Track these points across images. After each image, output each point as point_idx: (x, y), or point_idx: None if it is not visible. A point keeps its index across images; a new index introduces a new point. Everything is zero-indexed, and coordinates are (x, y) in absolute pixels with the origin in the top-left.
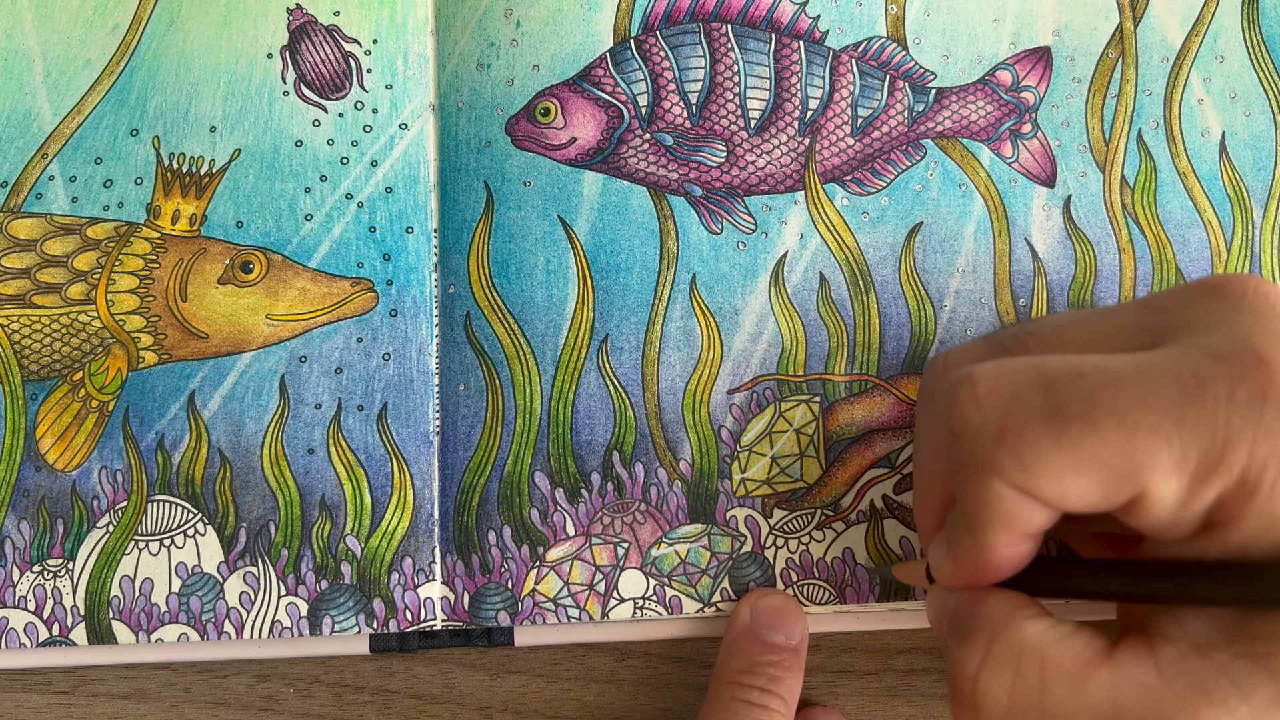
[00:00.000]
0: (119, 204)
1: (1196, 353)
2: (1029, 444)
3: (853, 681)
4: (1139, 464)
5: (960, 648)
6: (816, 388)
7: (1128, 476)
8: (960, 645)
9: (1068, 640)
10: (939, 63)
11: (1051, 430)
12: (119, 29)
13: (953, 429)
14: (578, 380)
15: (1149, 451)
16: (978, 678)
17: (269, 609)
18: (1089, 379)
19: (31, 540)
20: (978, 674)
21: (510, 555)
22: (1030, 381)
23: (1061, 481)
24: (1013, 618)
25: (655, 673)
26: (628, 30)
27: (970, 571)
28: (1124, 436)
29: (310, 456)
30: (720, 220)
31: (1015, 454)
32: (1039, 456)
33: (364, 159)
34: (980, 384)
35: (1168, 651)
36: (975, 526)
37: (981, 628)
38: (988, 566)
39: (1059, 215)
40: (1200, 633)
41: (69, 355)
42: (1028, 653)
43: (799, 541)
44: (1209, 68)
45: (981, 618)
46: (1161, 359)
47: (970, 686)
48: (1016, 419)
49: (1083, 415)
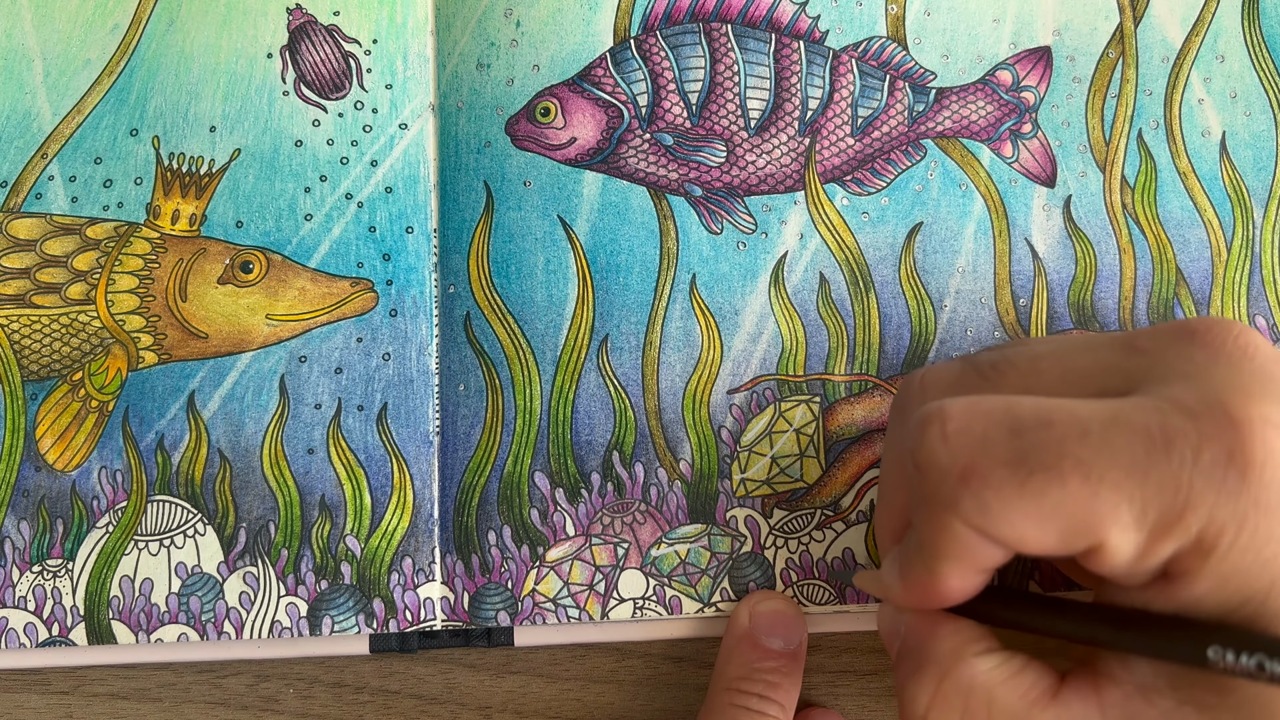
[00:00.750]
0: (119, 204)
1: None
2: (992, 489)
3: (853, 681)
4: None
5: (910, 682)
6: (816, 388)
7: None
8: (910, 680)
9: (1015, 679)
10: (939, 63)
11: (1016, 478)
12: (119, 29)
13: (917, 463)
14: (578, 380)
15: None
16: (928, 713)
17: (269, 609)
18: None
19: (31, 540)
20: (927, 712)
21: (510, 555)
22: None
23: (1020, 527)
24: (961, 654)
25: (655, 673)
26: (628, 30)
27: (920, 596)
28: (1087, 491)
29: (310, 456)
30: (720, 220)
31: (978, 497)
32: (1001, 502)
33: (364, 159)
34: (950, 422)
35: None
36: (929, 557)
37: (932, 663)
38: (937, 594)
39: (1059, 215)
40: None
41: (69, 355)
42: (976, 692)
43: (799, 541)
44: (1209, 68)
45: (932, 652)
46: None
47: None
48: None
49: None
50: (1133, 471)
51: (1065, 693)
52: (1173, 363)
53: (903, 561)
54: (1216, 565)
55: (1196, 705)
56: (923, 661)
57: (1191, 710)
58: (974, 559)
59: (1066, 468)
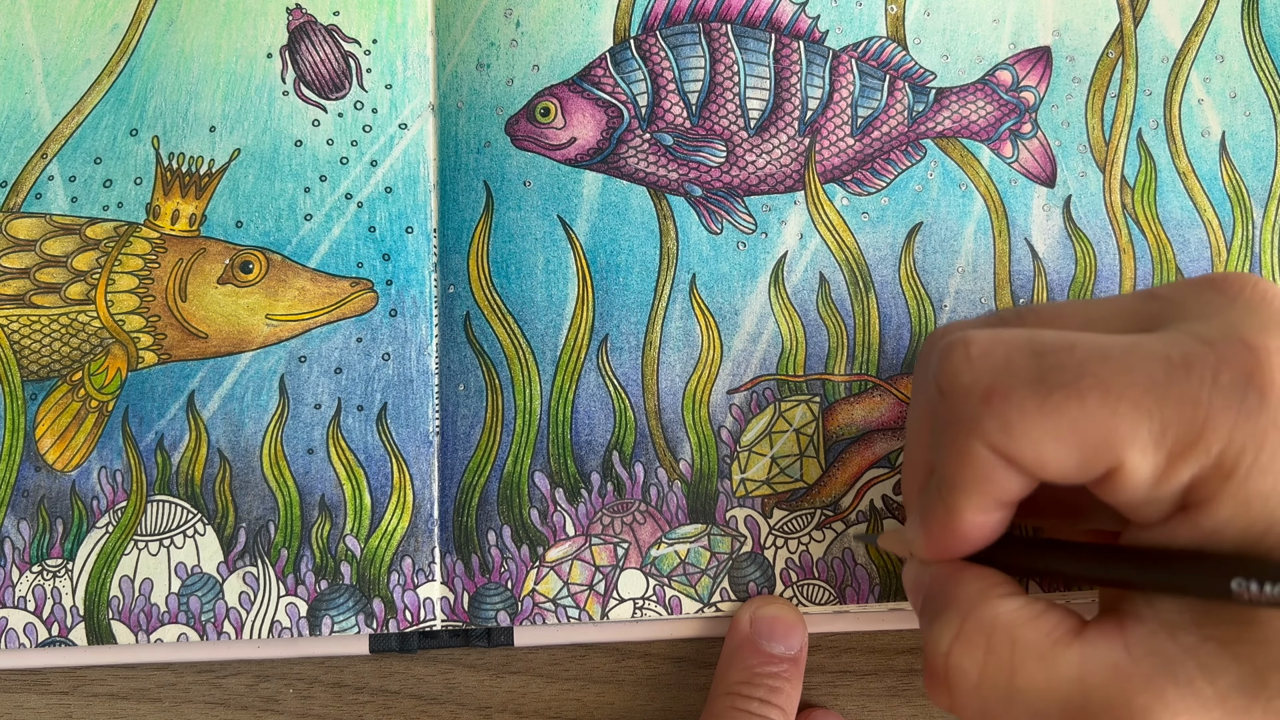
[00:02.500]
0: (118, 204)
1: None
2: (1014, 407)
3: (853, 682)
4: (1118, 436)
5: (933, 625)
6: (816, 388)
7: (1106, 448)
8: (934, 622)
9: (1039, 619)
10: (939, 63)
11: (1037, 395)
12: (119, 29)
13: (941, 387)
14: (577, 380)
15: (1129, 425)
16: (950, 654)
17: (268, 609)
18: (1080, 351)
19: (31, 540)
20: (950, 651)
21: (510, 555)
22: (1022, 348)
23: (1041, 447)
24: (985, 596)
25: (655, 673)
26: (627, 30)
27: (941, 540)
28: (1106, 408)
29: (310, 456)
30: (720, 220)
31: (999, 416)
32: (1022, 420)
33: (364, 159)
34: (974, 346)
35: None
36: (948, 490)
37: (954, 605)
38: (958, 534)
39: (1059, 215)
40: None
41: (68, 355)
42: (999, 631)
43: (799, 542)
44: (1209, 67)
45: (954, 595)
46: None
47: (942, 663)
48: (1004, 381)
49: (1068, 384)
50: (1152, 389)
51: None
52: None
53: (924, 508)
54: (1237, 488)
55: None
56: (945, 604)
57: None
58: (993, 487)
59: (1086, 385)
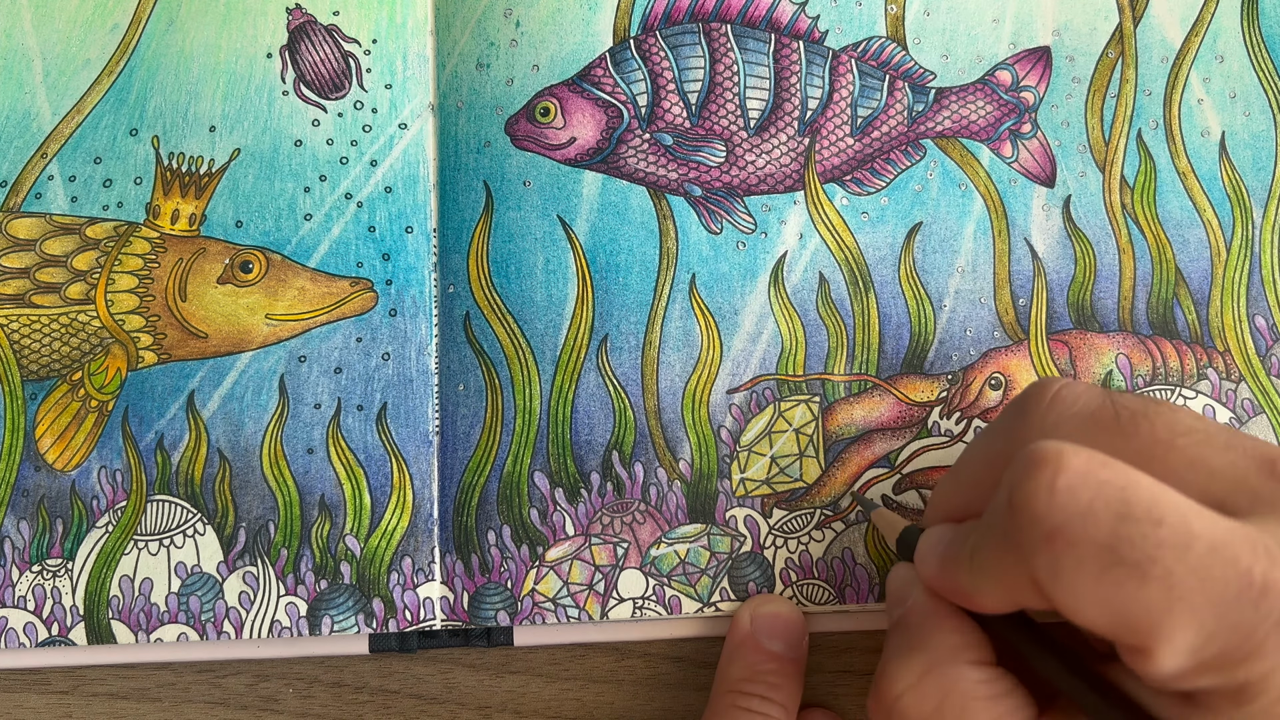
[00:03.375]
0: (118, 203)
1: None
2: (1072, 560)
3: (852, 681)
4: (1160, 630)
5: (896, 659)
6: (816, 388)
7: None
8: (897, 657)
9: (996, 700)
10: (939, 63)
11: (1100, 562)
12: (118, 29)
13: (1012, 502)
14: (577, 380)
15: (1175, 626)
16: (901, 697)
17: (268, 609)
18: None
19: (31, 540)
20: (903, 694)
21: (510, 555)
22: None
23: (1080, 602)
24: (956, 656)
25: (654, 672)
26: (627, 30)
27: (948, 589)
28: (1163, 604)
29: (309, 456)
30: (720, 220)
31: (1054, 560)
32: (1075, 575)
33: (363, 159)
34: (1062, 476)
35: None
36: (978, 572)
37: (923, 651)
38: (966, 601)
39: (1059, 215)
40: None
41: (68, 355)
42: (955, 696)
43: (798, 541)
44: (1209, 68)
45: (927, 640)
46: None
47: (892, 700)
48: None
49: (1136, 564)
50: (1215, 607)
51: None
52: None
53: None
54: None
55: None
56: (916, 645)
57: None
58: (1018, 599)
59: (1154, 575)
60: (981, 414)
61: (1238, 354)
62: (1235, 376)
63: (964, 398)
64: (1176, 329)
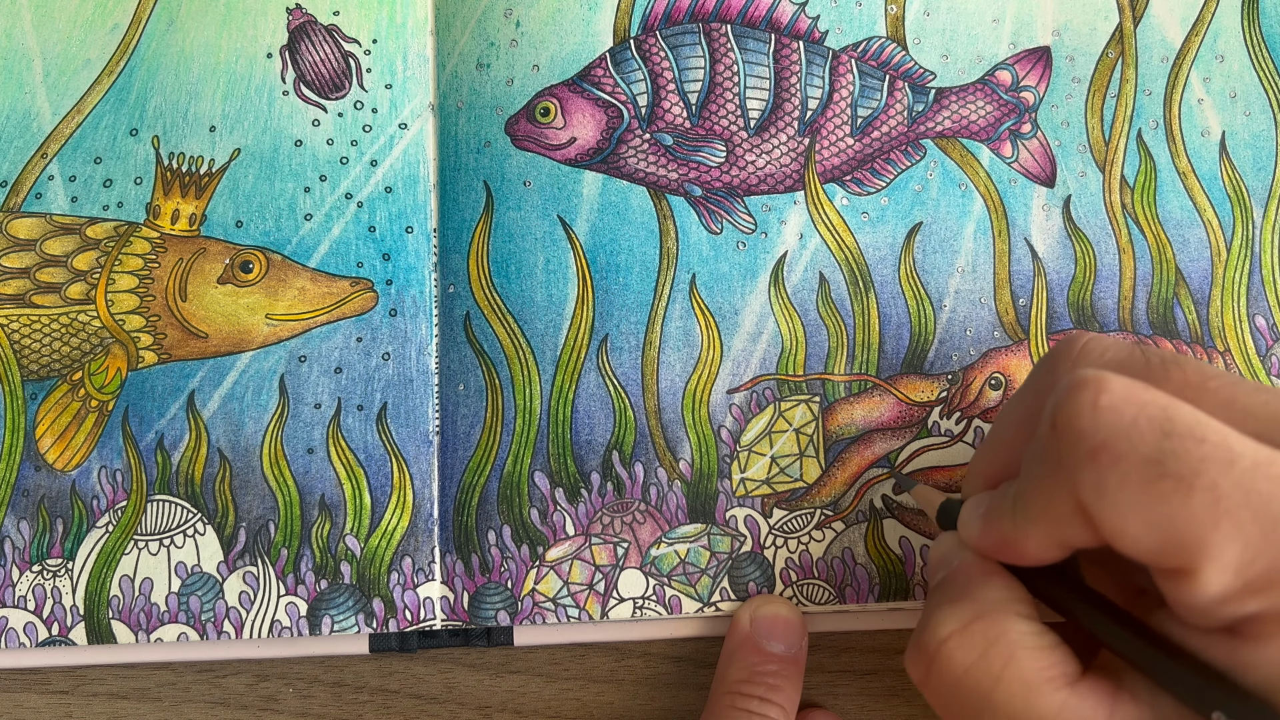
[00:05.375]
0: (118, 203)
1: None
2: (1118, 474)
3: (852, 681)
4: (1204, 545)
5: (942, 608)
6: (816, 387)
7: (1187, 550)
8: (943, 606)
9: (1042, 651)
10: (939, 63)
11: (1146, 474)
12: (119, 29)
13: (1055, 422)
14: (577, 380)
15: (1221, 541)
16: (946, 641)
17: (268, 609)
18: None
19: (31, 540)
20: (948, 638)
21: (510, 555)
22: (1153, 419)
23: (1126, 522)
24: (1005, 607)
25: (655, 672)
26: (627, 30)
27: (993, 546)
28: (1207, 516)
29: (310, 456)
30: (720, 220)
31: (1099, 477)
32: (1120, 490)
33: (363, 159)
34: (1105, 395)
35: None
36: (1022, 515)
37: (971, 600)
38: (1011, 552)
39: (1059, 215)
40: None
41: (68, 355)
42: (1002, 644)
43: (798, 541)
44: (1209, 67)
45: (976, 592)
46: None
47: (936, 645)
48: (1121, 444)
49: (1182, 476)
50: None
51: (1083, 685)
52: None
53: (991, 508)
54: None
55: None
56: (963, 596)
57: None
58: (1066, 535)
59: (1200, 485)
60: (982, 414)
61: (1238, 354)
62: None
63: (964, 398)
64: (1177, 329)
